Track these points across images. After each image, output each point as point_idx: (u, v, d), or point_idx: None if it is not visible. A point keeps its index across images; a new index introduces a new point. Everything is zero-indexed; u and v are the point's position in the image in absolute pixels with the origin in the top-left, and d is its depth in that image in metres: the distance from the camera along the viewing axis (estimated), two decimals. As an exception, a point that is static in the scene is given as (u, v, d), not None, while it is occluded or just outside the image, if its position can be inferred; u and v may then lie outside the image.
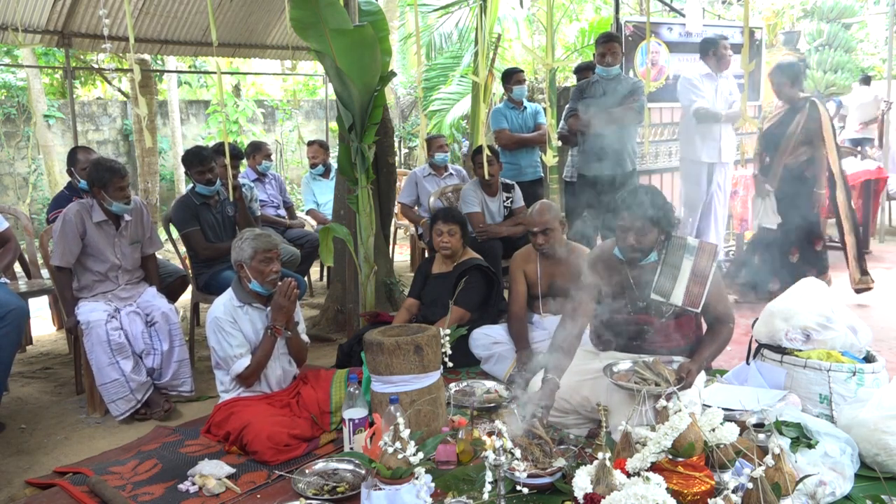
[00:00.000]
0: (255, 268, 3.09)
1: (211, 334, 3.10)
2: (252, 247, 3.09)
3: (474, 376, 3.69)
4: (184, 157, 4.26)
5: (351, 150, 4.13)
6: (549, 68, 4.95)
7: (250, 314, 3.15)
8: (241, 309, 3.14)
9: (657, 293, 2.90)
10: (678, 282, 2.87)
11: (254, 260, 3.08)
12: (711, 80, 5.42)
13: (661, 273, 2.90)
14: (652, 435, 2.26)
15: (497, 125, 5.35)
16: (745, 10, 3.34)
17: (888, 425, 2.48)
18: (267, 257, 3.10)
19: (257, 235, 3.15)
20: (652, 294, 2.91)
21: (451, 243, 3.91)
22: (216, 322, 3.08)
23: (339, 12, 3.65)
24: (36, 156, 9.73)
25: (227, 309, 3.11)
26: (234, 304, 3.13)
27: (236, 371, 3.08)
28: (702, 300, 2.86)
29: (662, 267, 2.91)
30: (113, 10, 5.82)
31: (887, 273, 5.91)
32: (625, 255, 2.91)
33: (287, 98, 12.11)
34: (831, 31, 7.66)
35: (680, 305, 2.87)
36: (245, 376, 3.10)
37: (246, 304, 3.14)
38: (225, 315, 3.09)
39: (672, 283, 2.88)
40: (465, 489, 2.49)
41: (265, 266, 3.09)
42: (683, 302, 2.86)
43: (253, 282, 3.12)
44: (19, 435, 3.31)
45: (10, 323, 3.12)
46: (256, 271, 3.10)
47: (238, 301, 3.14)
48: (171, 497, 2.60)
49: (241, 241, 3.14)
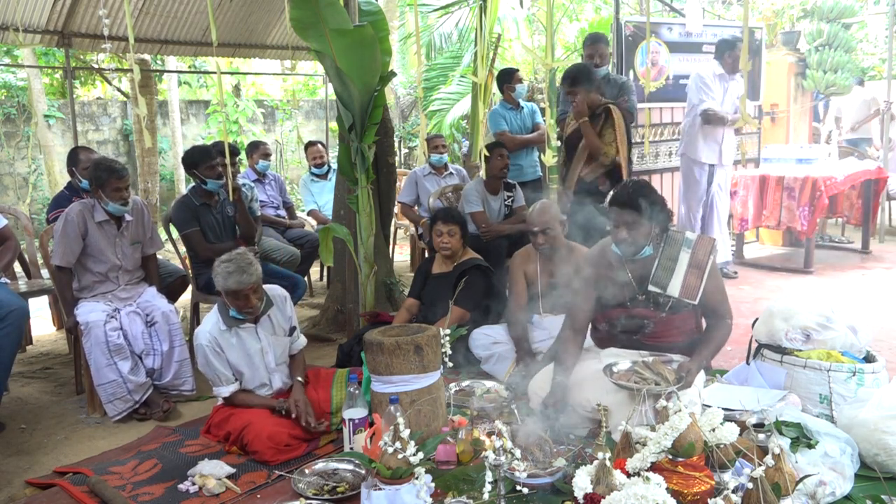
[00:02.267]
0: (230, 301, 2.97)
1: (198, 357, 3.04)
2: (222, 284, 2.92)
3: (474, 376, 3.69)
4: (187, 157, 4.18)
5: (351, 150, 4.14)
6: (549, 68, 4.95)
7: (239, 335, 3.05)
8: (229, 331, 3.03)
9: (654, 285, 2.92)
10: (675, 274, 2.89)
11: (227, 295, 2.95)
12: (723, 82, 5.46)
13: (658, 265, 2.92)
14: (652, 435, 2.26)
15: (497, 127, 5.34)
16: (745, 10, 3.34)
17: (888, 425, 2.48)
18: (239, 294, 2.92)
19: (229, 272, 2.89)
20: (649, 286, 2.92)
21: (451, 243, 3.91)
22: (200, 348, 2.99)
23: (339, 12, 3.65)
24: (36, 156, 9.73)
25: (211, 337, 2.99)
26: (220, 329, 3.02)
27: (220, 394, 3.04)
28: (698, 293, 2.87)
29: (660, 259, 2.93)
30: (113, 10, 5.82)
31: (887, 273, 5.91)
32: (620, 249, 2.93)
33: (287, 98, 12.11)
34: (831, 31, 7.64)
35: (677, 297, 2.89)
36: (229, 402, 3.06)
37: (234, 327, 3.04)
38: (209, 344, 2.98)
39: (669, 275, 2.90)
40: (465, 489, 2.49)
41: (238, 301, 2.95)
42: (680, 293, 2.88)
43: (232, 309, 3.01)
44: (19, 435, 3.31)
45: (10, 323, 3.12)
46: (232, 304, 2.98)
47: (224, 325, 3.03)
48: (171, 497, 2.60)
49: (217, 267, 2.94)
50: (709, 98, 5.41)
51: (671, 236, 2.96)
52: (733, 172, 6.02)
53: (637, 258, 2.94)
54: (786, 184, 6.02)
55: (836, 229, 7.58)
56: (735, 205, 6.33)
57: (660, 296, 2.92)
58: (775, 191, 6.10)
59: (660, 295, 2.92)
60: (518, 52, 10.58)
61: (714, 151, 5.51)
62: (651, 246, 2.91)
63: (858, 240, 6.82)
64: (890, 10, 7.72)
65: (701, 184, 5.60)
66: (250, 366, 3.09)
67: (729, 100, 5.44)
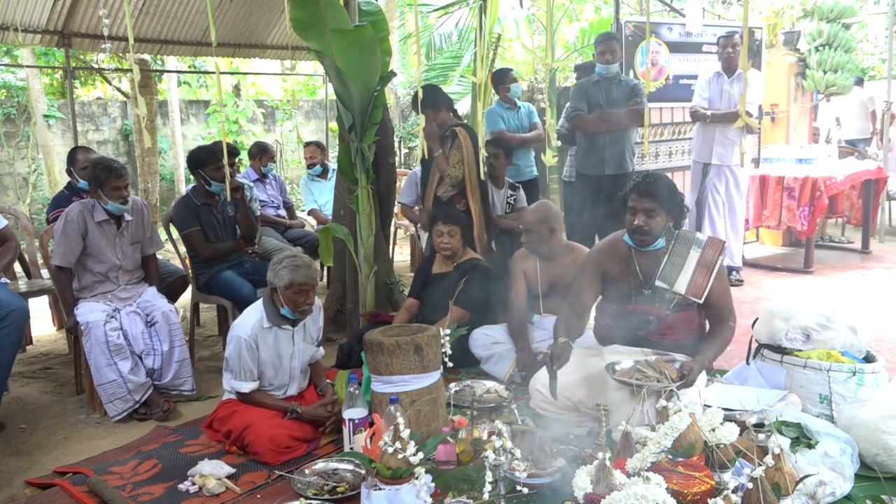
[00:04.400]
0: (289, 297, 2.97)
1: (230, 347, 3.02)
2: (289, 277, 2.93)
3: (474, 376, 3.69)
4: (193, 157, 4.16)
5: (351, 150, 4.14)
6: (549, 68, 4.96)
7: (276, 334, 3.06)
8: (269, 330, 3.04)
9: (662, 280, 2.94)
10: (683, 271, 2.92)
11: (288, 290, 2.95)
12: (720, 81, 5.43)
13: (667, 262, 2.95)
14: (652, 435, 2.26)
15: (494, 127, 5.34)
16: (745, 10, 3.33)
17: (888, 425, 2.48)
18: (302, 289, 2.96)
19: (296, 266, 2.96)
20: (657, 281, 2.94)
21: (452, 244, 3.92)
22: (239, 340, 2.98)
23: (339, 12, 3.65)
24: (36, 156, 9.73)
25: (253, 332, 2.99)
26: (262, 326, 3.02)
27: (239, 389, 3.03)
28: (705, 291, 2.89)
29: (669, 256, 2.95)
30: (113, 10, 5.82)
31: (887, 273, 5.91)
32: (633, 237, 2.96)
33: (287, 98, 12.11)
34: (831, 31, 7.64)
35: (683, 294, 2.90)
36: (242, 398, 3.05)
37: (274, 326, 3.05)
38: (249, 338, 2.97)
39: (677, 273, 2.92)
40: (465, 489, 2.49)
41: (298, 297, 2.97)
42: (687, 290, 2.89)
43: (284, 307, 3.01)
44: (19, 435, 3.31)
45: (10, 323, 3.12)
46: (290, 301, 2.97)
47: (268, 322, 3.03)
48: (171, 497, 2.60)
49: (278, 265, 2.98)
50: (699, 97, 5.46)
51: (682, 235, 2.99)
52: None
53: (648, 250, 2.97)
54: (786, 184, 6.02)
55: (836, 229, 7.58)
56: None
57: (666, 292, 2.94)
58: (775, 191, 6.11)
59: (666, 291, 2.94)
60: (518, 52, 10.58)
61: (706, 150, 5.50)
62: (663, 239, 2.95)
63: (858, 240, 6.82)
64: (890, 10, 7.72)
65: (695, 183, 5.62)
66: (277, 367, 3.09)
67: (725, 99, 5.39)
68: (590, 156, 5.04)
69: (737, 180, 5.54)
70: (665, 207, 2.90)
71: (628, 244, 3.02)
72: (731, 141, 5.37)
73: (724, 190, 5.55)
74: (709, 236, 3.00)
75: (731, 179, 5.52)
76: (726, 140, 5.39)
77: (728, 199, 5.57)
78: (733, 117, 5.10)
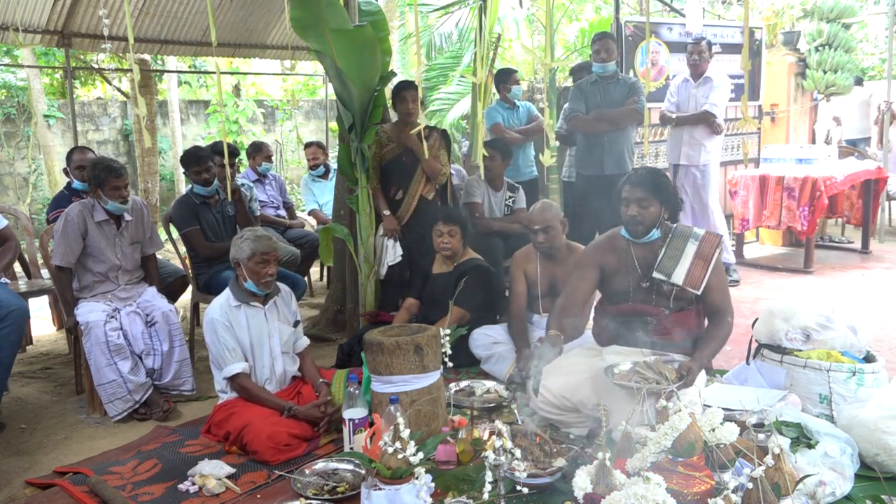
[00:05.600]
0: (251, 268, 3.07)
1: (207, 333, 3.11)
2: (250, 248, 3.06)
3: (474, 376, 3.69)
4: (182, 158, 4.27)
5: (351, 150, 4.14)
6: (549, 68, 4.95)
7: (247, 313, 3.13)
8: (238, 308, 3.12)
9: (659, 272, 2.96)
10: (681, 263, 2.95)
11: (251, 260, 3.06)
12: (686, 85, 5.62)
13: (664, 254, 2.98)
14: (652, 435, 2.26)
15: (492, 122, 5.34)
16: (745, 10, 3.34)
17: (888, 425, 2.48)
18: (264, 259, 3.07)
19: (258, 237, 3.11)
20: (654, 272, 2.96)
21: (452, 244, 3.91)
22: (212, 323, 3.07)
23: (339, 12, 3.65)
24: (36, 156, 9.73)
25: (222, 311, 3.08)
26: (230, 305, 3.11)
27: (228, 373, 3.06)
28: (702, 283, 2.91)
29: (667, 249, 2.98)
30: (113, 10, 5.82)
31: (887, 273, 5.91)
32: (628, 227, 3.00)
33: (287, 98, 12.11)
34: (831, 31, 7.64)
35: (681, 285, 2.92)
36: (236, 386, 3.08)
37: (243, 304, 3.13)
38: (220, 317, 3.06)
39: (675, 264, 2.95)
40: (465, 489, 2.49)
41: (261, 268, 3.07)
42: (685, 282, 2.92)
43: (248, 281, 3.10)
44: (19, 435, 3.31)
45: (10, 323, 3.12)
46: (252, 272, 3.08)
47: (235, 300, 3.12)
48: (171, 497, 2.60)
49: (240, 240, 3.11)
50: (668, 102, 5.72)
51: (679, 229, 3.02)
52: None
53: (644, 241, 3.00)
54: (786, 184, 6.02)
55: (836, 229, 7.58)
56: (735, 205, 6.33)
57: (664, 283, 2.95)
58: (775, 191, 6.10)
59: (663, 283, 2.95)
60: (518, 52, 10.58)
61: (674, 151, 5.69)
62: (658, 230, 2.98)
63: (858, 240, 6.82)
64: (890, 10, 7.72)
65: None
66: (257, 347, 3.14)
67: (692, 103, 5.54)
68: (589, 156, 5.04)
69: (705, 178, 5.58)
70: (658, 198, 2.95)
71: (626, 238, 3.06)
72: (698, 142, 5.54)
73: (690, 189, 5.60)
74: (706, 231, 3.03)
75: (697, 177, 5.59)
76: (693, 141, 5.55)
77: (695, 199, 5.60)
78: (697, 119, 5.44)
